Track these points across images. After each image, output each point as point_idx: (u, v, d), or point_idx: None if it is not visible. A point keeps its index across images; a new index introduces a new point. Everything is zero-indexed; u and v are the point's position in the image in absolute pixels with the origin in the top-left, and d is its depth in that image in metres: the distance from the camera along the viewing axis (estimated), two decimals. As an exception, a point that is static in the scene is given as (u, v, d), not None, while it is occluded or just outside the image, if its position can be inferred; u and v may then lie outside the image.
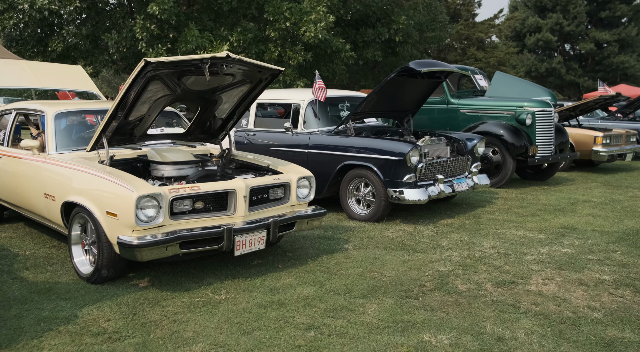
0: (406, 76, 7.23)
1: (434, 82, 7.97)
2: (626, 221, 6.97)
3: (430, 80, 7.85)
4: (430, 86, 8.05)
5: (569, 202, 8.32)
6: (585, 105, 12.68)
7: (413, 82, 7.70)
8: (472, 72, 11.12)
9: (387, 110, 8.08)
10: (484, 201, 8.37)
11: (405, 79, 7.34)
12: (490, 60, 26.53)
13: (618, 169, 12.57)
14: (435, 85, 8.03)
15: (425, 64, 7.02)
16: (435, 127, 10.52)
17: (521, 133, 9.58)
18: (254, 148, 7.97)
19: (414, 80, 7.61)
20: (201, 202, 4.52)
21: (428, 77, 7.65)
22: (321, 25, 13.23)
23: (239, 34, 13.40)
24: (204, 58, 4.44)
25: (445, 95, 10.48)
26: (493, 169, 9.67)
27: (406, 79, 7.30)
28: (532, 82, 10.59)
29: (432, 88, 8.09)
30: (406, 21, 17.07)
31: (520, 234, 6.28)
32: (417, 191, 6.69)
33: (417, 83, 7.78)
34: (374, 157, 6.82)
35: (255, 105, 8.25)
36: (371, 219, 6.94)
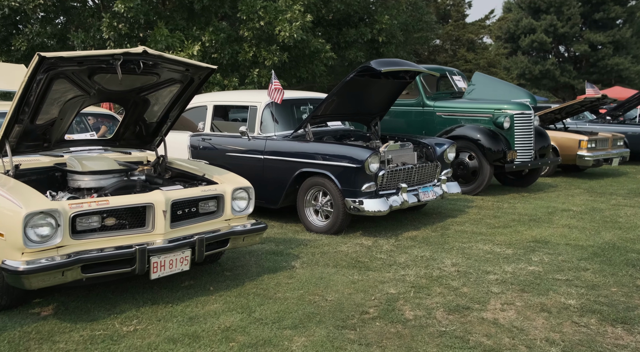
0: (369, 76, 6.70)
1: (402, 83, 7.45)
2: (603, 233, 6.45)
3: (397, 81, 7.33)
4: (397, 87, 7.53)
5: (546, 211, 7.80)
6: (571, 108, 12.19)
7: (378, 83, 7.19)
8: (449, 73, 10.60)
9: (352, 113, 7.55)
10: (456, 210, 7.85)
11: (368, 80, 6.82)
12: (480, 61, 26.00)
13: (604, 174, 12.07)
14: (403, 86, 7.51)
15: (387, 63, 6.50)
16: (411, 130, 10.02)
17: (499, 137, 9.07)
18: (209, 154, 7.46)
19: (379, 81, 7.09)
20: (113, 218, 3.98)
21: (394, 78, 7.12)
22: (296, 24, 12.70)
23: (210, 34, 12.86)
24: (115, 54, 3.91)
25: (420, 97, 9.97)
26: (469, 175, 9.16)
27: (368, 79, 6.77)
28: (511, 84, 10.08)
29: (400, 89, 7.57)
30: (389, 21, 16.56)
31: (487, 249, 5.75)
32: (377, 201, 6.17)
33: (383, 84, 7.27)
34: (331, 164, 6.29)
35: (212, 107, 7.73)
36: (329, 231, 6.42)
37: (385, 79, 7.03)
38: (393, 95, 7.66)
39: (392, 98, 7.69)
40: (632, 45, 41.41)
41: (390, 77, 7.06)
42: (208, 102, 7.81)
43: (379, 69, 6.27)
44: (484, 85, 10.13)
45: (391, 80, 7.11)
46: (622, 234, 6.46)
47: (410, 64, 6.89)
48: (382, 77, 6.93)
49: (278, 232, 6.59)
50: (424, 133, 9.89)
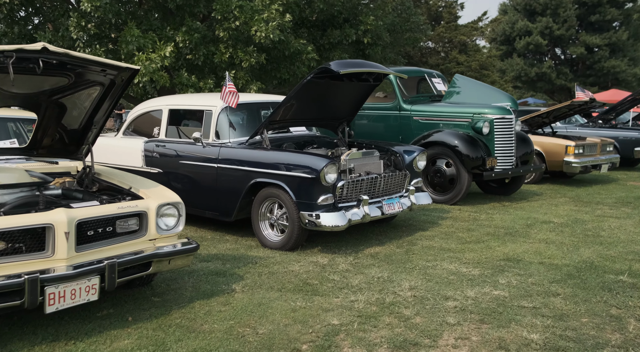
0: (330, 79, 6.17)
1: (369, 86, 6.92)
2: (582, 250, 5.92)
3: (365, 83, 6.80)
4: (365, 90, 7.00)
5: (525, 223, 7.27)
6: (559, 112, 11.68)
7: (343, 86, 6.66)
8: (429, 75, 10.09)
9: (316, 117, 7.03)
10: (428, 221, 7.32)
11: (330, 82, 6.28)
12: (472, 63, 25.50)
13: (593, 181, 11.55)
14: (371, 89, 6.98)
15: (347, 65, 5.96)
16: (388, 135, 9.50)
17: (478, 143, 8.55)
18: (163, 161, 6.94)
19: (343, 84, 6.56)
20: (2, 242, 3.44)
21: (358, 80, 6.59)
22: (273, 24, 12.16)
23: (184, 34, 12.33)
24: (6, 50, 3.38)
25: (397, 101, 9.45)
26: (447, 183, 8.63)
27: (330, 82, 6.23)
28: (492, 87, 9.57)
29: (367, 92, 7.05)
30: (374, 22, 16.02)
31: (452, 269, 5.22)
32: (335, 215, 5.64)
33: (348, 87, 6.74)
34: (285, 174, 5.76)
35: (167, 111, 7.20)
36: (284, 247, 5.89)
37: (349, 81, 6.50)
38: (360, 99, 7.13)
39: (359, 102, 7.16)
40: (628, 48, 41.01)
41: (354, 79, 6.53)
42: (163, 106, 7.28)
43: (337, 71, 5.74)
44: (464, 88, 9.61)
45: (356, 82, 6.58)
46: (603, 250, 5.93)
47: (372, 66, 6.35)
48: (344, 80, 6.40)
49: (230, 248, 6.06)
50: (400, 138, 9.38)
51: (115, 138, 7.87)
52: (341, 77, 6.31)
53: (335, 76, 6.18)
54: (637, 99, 14.57)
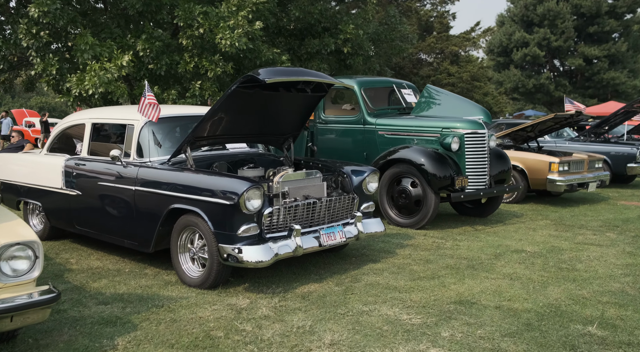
0: (260, 89, 5.35)
1: (314, 97, 6.10)
2: (551, 289, 5.07)
3: (306, 94, 5.98)
4: (310, 102, 6.19)
5: (494, 252, 6.43)
6: (544, 125, 10.85)
7: (285, 97, 5.85)
8: (397, 85, 9.28)
9: (254, 133, 6.21)
10: (384, 250, 6.48)
11: (264, 93, 5.47)
12: (464, 75, 24.73)
13: (581, 200, 10.69)
14: (316, 100, 6.17)
15: (276, 73, 5.14)
16: (351, 152, 8.69)
17: (447, 161, 7.72)
18: (82, 182, 6.17)
19: (284, 95, 5.74)
20: None
21: (297, 91, 5.77)
22: (239, 32, 11.40)
23: (144, 42, 11.57)
24: None
25: (361, 114, 8.63)
26: (412, 205, 7.80)
27: (262, 92, 5.41)
28: (465, 99, 8.76)
29: (312, 104, 6.23)
30: (354, 31, 15.26)
31: (391, 316, 4.37)
32: (259, 248, 4.82)
33: (291, 98, 5.93)
34: (202, 199, 4.94)
35: (90, 125, 6.40)
36: (203, 285, 5.06)
37: (287, 92, 5.68)
38: (306, 112, 6.31)
39: (305, 115, 6.34)
40: (628, 59, 40.40)
41: (293, 89, 5.71)
42: (86, 120, 6.49)
43: (263, 80, 4.92)
44: (435, 100, 8.80)
45: (295, 93, 5.76)
46: (575, 289, 5.08)
47: (306, 74, 5.52)
48: (281, 90, 5.58)
49: (144, 285, 5.22)
50: (365, 155, 8.57)
51: (39, 155, 7.07)
52: (277, 87, 5.51)
53: (270, 86, 5.38)
54: (631, 111, 13.74)
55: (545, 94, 41.04)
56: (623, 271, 5.71)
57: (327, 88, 6.03)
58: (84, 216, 6.20)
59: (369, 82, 9.05)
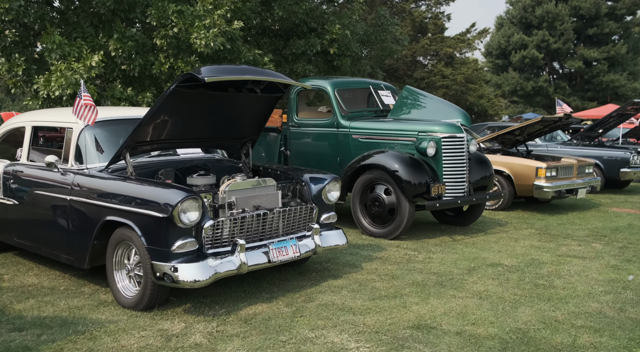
0: (205, 89, 4.87)
1: (270, 99, 5.63)
2: (522, 310, 4.58)
3: (264, 95, 5.51)
4: (268, 104, 5.71)
5: (468, 266, 5.94)
6: (532, 128, 10.36)
7: (239, 98, 5.38)
8: (374, 86, 8.80)
9: (206, 137, 5.73)
10: (349, 264, 6.00)
11: (207, 93, 4.99)
12: (458, 77, 24.23)
13: (570, 208, 10.20)
14: (273, 101, 5.69)
15: (216, 71, 4.65)
16: (326, 157, 8.22)
17: (422, 167, 7.24)
18: (19, 191, 5.68)
19: (236, 96, 5.27)
20: None
21: (249, 91, 5.29)
22: (214, 31, 10.92)
23: (116, 42, 11.09)
24: None
25: (334, 117, 8.15)
26: (386, 214, 7.31)
27: (205, 92, 4.93)
28: (445, 101, 8.27)
29: (270, 106, 5.75)
30: (341, 31, 14.79)
31: (337, 344, 3.89)
32: (196, 266, 4.34)
33: (246, 99, 5.45)
34: (134, 211, 4.47)
35: (30, 128, 5.93)
36: (137, 306, 4.58)
37: (237, 92, 5.20)
38: (264, 114, 5.83)
39: (263, 118, 5.86)
40: (628, 62, 39.96)
41: (244, 90, 5.23)
42: (27, 123, 6.02)
43: (202, 79, 4.44)
44: (413, 102, 8.32)
45: (248, 94, 5.28)
46: (549, 309, 4.60)
47: (252, 72, 5.05)
48: (229, 90, 5.11)
49: (74, 305, 4.75)
50: (339, 160, 8.09)
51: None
52: (225, 87, 5.04)
53: (218, 87, 4.92)
54: (626, 114, 13.26)
55: (545, 96, 40.66)
56: (604, 287, 5.22)
57: (284, 88, 5.55)
58: (21, 227, 5.74)
59: (344, 83, 8.58)
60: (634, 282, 5.39)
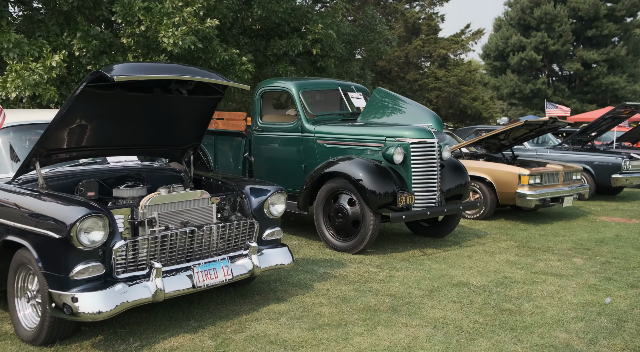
0: (122, 89, 4.30)
1: (209, 101, 5.06)
2: (479, 342, 4.00)
3: (202, 97, 4.95)
4: (206, 106, 5.14)
5: (430, 287, 5.36)
6: (518, 132, 9.78)
7: (171, 101, 4.80)
8: (344, 88, 8.23)
9: (139, 143, 5.16)
10: (300, 284, 5.43)
11: (128, 95, 4.42)
12: (451, 78, 23.64)
13: (556, 216, 9.63)
14: (212, 104, 5.12)
15: (129, 70, 4.07)
16: (289, 164, 7.67)
17: (389, 175, 6.67)
18: None
19: (169, 98, 4.70)
20: None
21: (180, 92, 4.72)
22: (183, 29, 10.36)
23: (79, 41, 10.54)
24: None
25: (299, 120, 7.58)
26: (350, 226, 6.74)
27: (124, 93, 4.36)
28: (417, 104, 7.68)
29: (210, 109, 5.18)
30: (323, 31, 14.22)
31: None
32: (100, 295, 3.76)
33: (179, 102, 4.88)
34: (30, 230, 3.90)
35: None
36: (36, 341, 4.00)
37: (166, 93, 4.63)
38: (204, 118, 5.26)
39: (204, 122, 5.29)
40: (628, 64, 39.47)
41: (174, 91, 4.65)
42: (-54, 128, 5.42)
43: (111, 78, 3.86)
44: (384, 105, 7.75)
45: (178, 95, 4.70)
46: (509, 341, 4.02)
47: (172, 70, 4.43)
48: (155, 91, 4.53)
49: (-27, 334, 4.16)
50: (303, 167, 7.53)
51: None
52: (151, 88, 4.47)
53: (141, 87, 4.35)
54: (619, 117, 12.68)
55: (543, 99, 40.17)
56: (577, 312, 4.64)
57: (223, 90, 4.98)
58: None
59: (310, 85, 8.02)
60: (611, 307, 4.81)
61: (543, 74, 42.34)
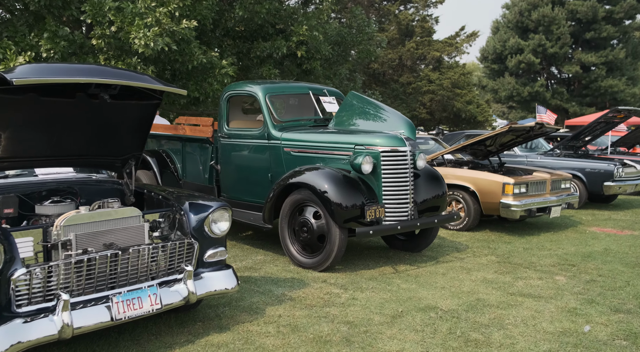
0: (36, 94, 3.81)
1: (148, 107, 4.57)
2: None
3: (140, 103, 4.46)
4: (144, 113, 4.65)
5: (394, 312, 4.87)
6: (504, 138, 9.28)
7: (104, 107, 4.32)
8: (315, 92, 7.74)
9: (71, 154, 4.67)
10: (251, 308, 4.94)
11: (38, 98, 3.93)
12: (444, 81, 23.15)
13: (545, 227, 9.14)
14: (151, 110, 4.63)
15: (29, 72, 3.57)
16: (256, 174, 7.19)
17: (357, 187, 6.18)
18: None
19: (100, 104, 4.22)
20: None
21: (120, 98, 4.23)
22: (155, 30, 9.90)
23: (46, 41, 10.09)
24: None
25: (265, 127, 7.10)
26: (315, 241, 6.25)
27: (38, 97, 3.87)
28: (391, 109, 7.15)
29: (148, 115, 4.70)
30: (308, 32, 13.76)
31: None
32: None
33: (113, 108, 4.39)
34: None
35: None
36: None
37: (91, 98, 4.15)
38: (144, 126, 4.77)
39: (144, 129, 4.80)
40: (627, 67, 38.98)
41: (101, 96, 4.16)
42: None
43: (10, 81, 3.37)
44: (357, 110, 7.26)
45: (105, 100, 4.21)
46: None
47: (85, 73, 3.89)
48: (77, 96, 4.05)
49: None
50: (270, 176, 7.04)
51: None
52: (72, 93, 3.98)
53: (60, 91, 3.86)
54: (613, 122, 12.19)
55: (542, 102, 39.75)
56: (551, 344, 4.15)
57: (160, 95, 4.49)
58: None
59: (278, 89, 7.54)
60: (589, 336, 4.31)
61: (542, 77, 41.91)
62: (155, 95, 4.43)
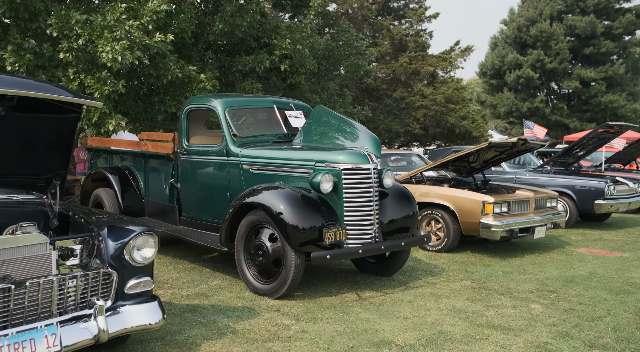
0: None
1: (67, 121, 4.14)
2: None
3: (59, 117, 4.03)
4: (63, 128, 4.21)
5: (343, 348, 4.40)
6: (487, 154, 8.83)
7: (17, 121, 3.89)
8: (280, 106, 7.31)
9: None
10: (186, 343, 4.46)
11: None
12: (437, 96, 22.75)
13: (530, 247, 8.63)
14: (70, 124, 4.20)
15: None
16: (214, 192, 6.74)
17: (316, 207, 5.72)
18: None
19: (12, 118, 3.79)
20: None
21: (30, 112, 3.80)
22: (123, 44, 9.52)
23: (10, 54, 9.71)
24: None
25: (224, 143, 6.66)
26: (271, 265, 5.77)
27: None
28: (358, 124, 6.67)
29: (68, 130, 4.26)
30: (292, 46, 13.40)
31: None
32: None
33: (28, 122, 3.96)
34: None
35: None
36: None
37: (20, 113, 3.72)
38: (65, 142, 4.34)
39: (66, 145, 4.36)
40: (627, 82, 38.63)
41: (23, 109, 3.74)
42: None
43: None
44: (322, 125, 6.82)
45: (3, 112, 3.78)
46: None
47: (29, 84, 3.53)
48: None
49: None
50: (229, 195, 6.58)
51: None
52: None
53: None
54: (605, 137, 11.73)
55: (541, 117, 39.43)
56: (511, 392, 3.64)
57: (79, 108, 4.06)
58: None
59: (239, 102, 7.12)
60: (557, 381, 3.81)
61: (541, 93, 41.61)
62: (72, 108, 3.99)
